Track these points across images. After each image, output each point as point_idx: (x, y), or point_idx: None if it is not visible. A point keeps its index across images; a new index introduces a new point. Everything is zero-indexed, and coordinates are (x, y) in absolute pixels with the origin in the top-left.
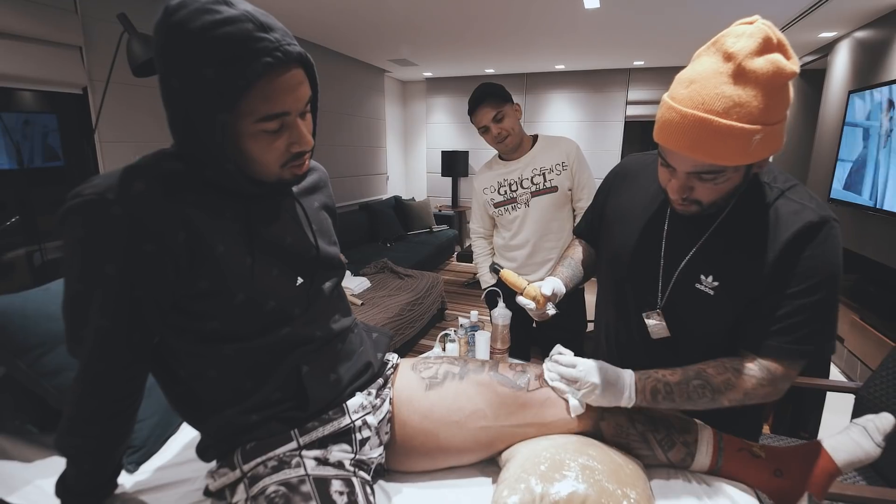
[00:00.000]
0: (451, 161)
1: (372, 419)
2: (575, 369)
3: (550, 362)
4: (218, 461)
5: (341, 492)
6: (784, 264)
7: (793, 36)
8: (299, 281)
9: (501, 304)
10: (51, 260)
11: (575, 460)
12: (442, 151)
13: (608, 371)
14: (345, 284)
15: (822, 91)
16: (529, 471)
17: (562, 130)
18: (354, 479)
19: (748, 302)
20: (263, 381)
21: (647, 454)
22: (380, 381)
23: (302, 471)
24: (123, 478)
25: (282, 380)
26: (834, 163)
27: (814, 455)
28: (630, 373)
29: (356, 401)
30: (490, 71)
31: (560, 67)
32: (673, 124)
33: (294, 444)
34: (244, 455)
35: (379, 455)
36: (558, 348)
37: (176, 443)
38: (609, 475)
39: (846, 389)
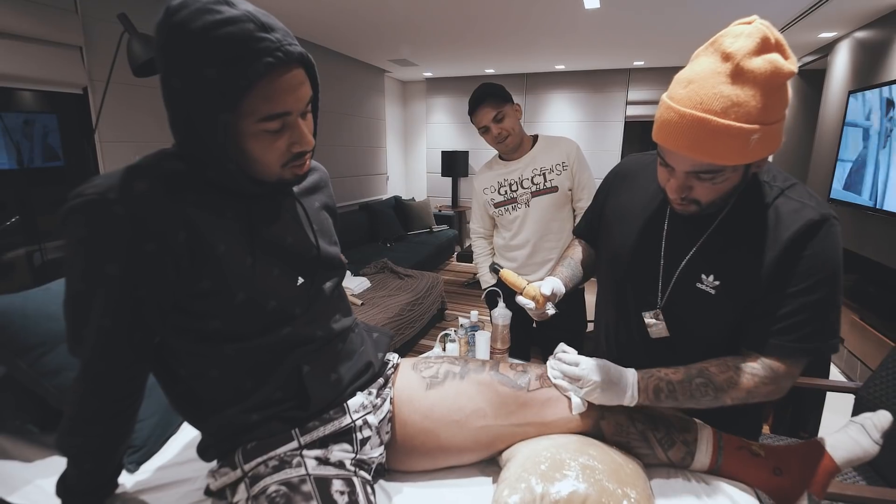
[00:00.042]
0: (451, 161)
1: (373, 419)
2: (578, 367)
3: (554, 360)
4: (219, 461)
5: (342, 491)
6: (785, 263)
7: (793, 36)
8: (300, 281)
9: (501, 304)
10: (51, 260)
11: (575, 460)
12: (442, 151)
13: (611, 370)
14: (345, 284)
15: (822, 91)
16: (530, 470)
17: (562, 130)
18: (355, 479)
19: (749, 301)
20: (264, 381)
21: (647, 453)
22: (380, 381)
23: (303, 470)
24: (124, 477)
25: (283, 379)
26: (834, 163)
27: (813, 453)
28: (633, 372)
29: (357, 400)
30: (490, 71)
31: (560, 67)
32: (671, 124)
33: (295, 444)
34: (245, 454)
35: (380, 455)
36: (562, 346)
37: (176, 442)
38: (609, 475)
39: (846, 389)
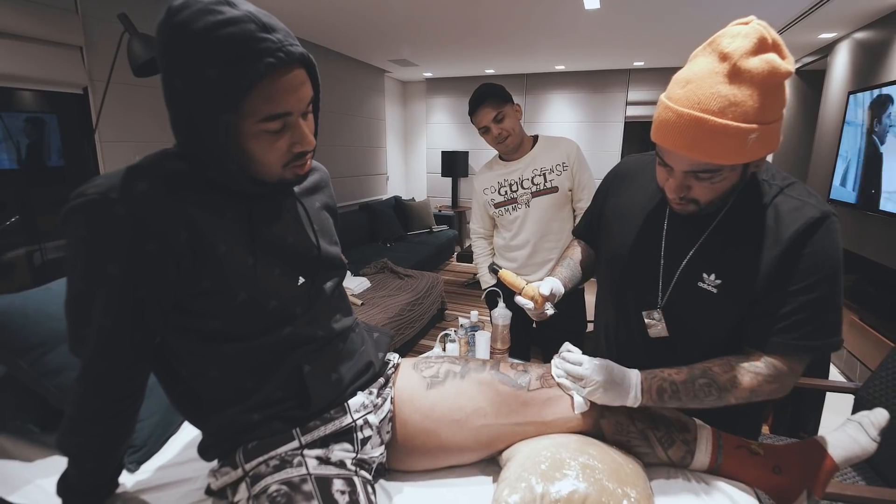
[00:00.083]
0: (451, 161)
1: (373, 418)
2: (581, 367)
3: (558, 359)
4: (219, 460)
5: (343, 491)
6: (787, 260)
7: (792, 36)
8: (301, 281)
9: (501, 305)
10: (51, 260)
11: (575, 459)
12: (442, 152)
13: (614, 370)
14: (345, 284)
15: (822, 91)
16: (530, 470)
17: (562, 131)
18: (356, 479)
19: (751, 299)
20: (265, 381)
21: (647, 452)
22: (381, 381)
23: (304, 470)
24: (125, 477)
25: (283, 379)
26: (834, 163)
27: (812, 452)
28: (636, 372)
29: (358, 400)
30: (490, 71)
31: (560, 68)
32: (669, 124)
33: (296, 444)
34: (246, 454)
35: (380, 454)
36: (567, 346)
37: (177, 442)
38: (609, 474)
39: (846, 390)
